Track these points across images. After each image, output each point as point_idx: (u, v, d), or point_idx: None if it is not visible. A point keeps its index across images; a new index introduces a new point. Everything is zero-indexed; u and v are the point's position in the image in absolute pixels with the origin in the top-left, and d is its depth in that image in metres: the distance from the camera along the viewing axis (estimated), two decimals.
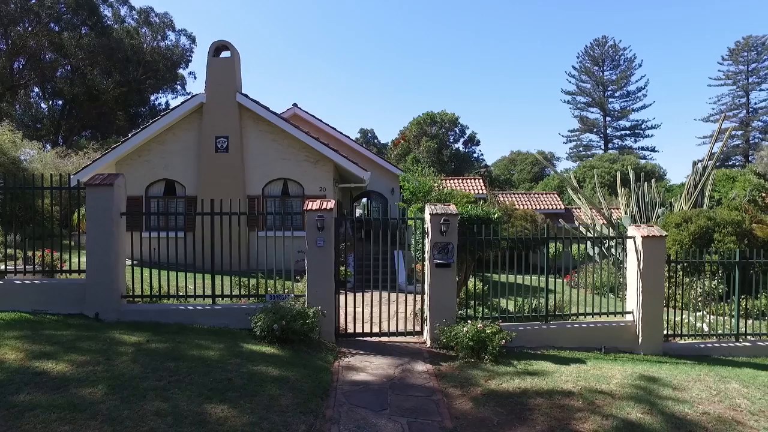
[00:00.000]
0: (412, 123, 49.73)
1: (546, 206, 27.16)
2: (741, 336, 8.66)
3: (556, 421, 5.10)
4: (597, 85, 64.49)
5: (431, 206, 7.86)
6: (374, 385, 6.00)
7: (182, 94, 42.80)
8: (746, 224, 13.75)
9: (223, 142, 14.93)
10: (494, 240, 8.19)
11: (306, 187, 15.25)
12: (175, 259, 8.13)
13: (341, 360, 6.92)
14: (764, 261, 9.12)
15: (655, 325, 8.13)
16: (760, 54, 59.47)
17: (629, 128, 63.64)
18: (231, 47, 15.00)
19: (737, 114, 60.56)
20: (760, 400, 5.92)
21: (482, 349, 6.87)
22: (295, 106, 21.37)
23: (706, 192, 17.52)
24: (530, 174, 53.55)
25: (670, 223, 14.35)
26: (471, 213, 8.47)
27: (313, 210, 7.58)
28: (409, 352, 7.40)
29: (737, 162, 56.10)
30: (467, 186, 26.09)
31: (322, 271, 7.62)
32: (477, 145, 52.91)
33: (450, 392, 5.81)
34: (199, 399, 4.84)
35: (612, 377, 6.38)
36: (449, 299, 7.68)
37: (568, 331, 8.12)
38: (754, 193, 23.82)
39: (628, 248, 8.46)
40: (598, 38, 64.56)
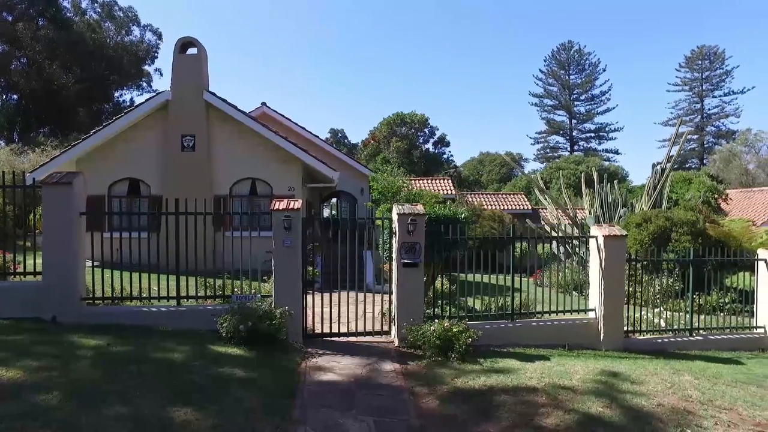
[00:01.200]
0: (383, 123, 49.89)
1: (514, 206, 27.65)
2: (694, 331, 9.02)
3: (521, 416, 5.20)
4: (563, 88, 66.11)
5: (398, 206, 7.90)
6: (342, 385, 5.99)
7: (148, 91, 41.80)
8: (700, 224, 14.33)
9: (190, 141, 14.62)
10: (461, 240, 8.28)
11: (274, 187, 15.09)
12: (139, 260, 7.92)
13: (309, 360, 6.88)
14: (716, 259, 9.53)
15: (616, 321, 8.39)
16: (712, 63, 62.35)
17: (594, 131, 65.53)
18: (198, 44, 14.71)
19: (693, 119, 63.17)
20: (709, 390, 6.20)
21: (449, 347, 6.95)
22: (264, 105, 21.13)
23: (664, 193, 18.18)
24: (499, 175, 54.39)
25: (631, 223, 14.83)
26: (438, 213, 8.55)
27: (280, 210, 7.51)
28: (377, 351, 7.41)
29: (693, 165, 58.44)
30: (436, 186, 26.31)
31: (290, 272, 7.57)
32: (446, 146, 53.53)
33: (417, 391, 5.86)
34: (162, 403, 4.74)
35: (575, 373, 6.55)
36: (416, 299, 7.74)
37: (533, 329, 8.29)
38: (708, 194, 24.88)
39: (591, 248, 8.70)
40: (564, 43, 66.35)
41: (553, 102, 66.72)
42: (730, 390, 6.27)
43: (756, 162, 46.85)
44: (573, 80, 66.01)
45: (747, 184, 40.38)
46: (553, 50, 67.30)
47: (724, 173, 43.56)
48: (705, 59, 62.97)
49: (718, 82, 62.52)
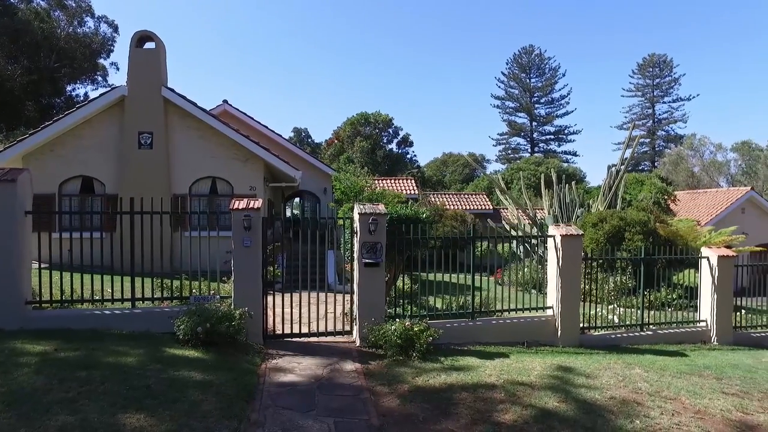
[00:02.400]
0: (347, 123, 49.76)
1: (476, 206, 28.06)
2: (645, 326, 9.39)
3: (479, 413, 5.28)
4: (524, 91, 67.61)
5: (360, 206, 7.90)
6: (302, 386, 5.94)
7: (103, 85, 40.17)
8: (651, 224, 14.94)
9: (147, 138, 14.18)
10: (423, 239, 8.35)
11: (235, 186, 14.83)
12: (91, 261, 7.61)
13: (269, 362, 6.78)
14: (665, 258, 9.95)
15: (573, 318, 8.63)
16: (662, 70, 65.46)
17: (554, 133, 67.32)
18: (156, 38, 14.28)
19: (645, 123, 65.93)
20: (657, 382, 6.48)
21: (410, 346, 6.99)
22: (226, 103, 20.73)
23: (619, 194, 18.89)
24: (461, 175, 55.10)
25: (588, 222, 15.32)
26: (400, 213, 8.59)
27: (240, 209, 7.38)
28: (338, 351, 7.38)
29: (645, 167, 60.91)
30: (400, 186, 26.43)
31: (249, 272, 7.44)
32: (410, 146, 53.83)
33: (378, 390, 5.86)
34: (112, 409, 4.56)
35: (532, 369, 6.70)
36: (378, 298, 7.75)
37: (493, 326, 8.43)
38: (658, 195, 25.96)
39: (549, 247, 8.92)
40: (526, 47, 67.87)
41: (515, 104, 68.19)
42: (675, 381, 6.56)
43: (701, 165, 49.28)
44: (534, 83, 67.63)
45: (693, 186, 42.37)
46: (514, 54, 68.93)
47: (673, 175, 45.58)
48: (655, 67, 65.91)
49: (668, 89, 65.62)
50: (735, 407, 5.81)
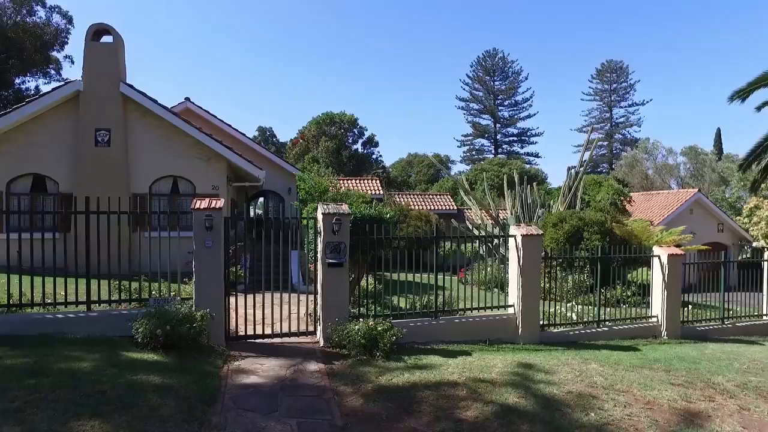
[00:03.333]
0: (312, 123, 49.41)
1: (440, 207, 28.38)
2: (601, 322, 9.73)
3: (442, 411, 5.36)
4: (488, 93, 68.80)
5: (323, 206, 7.89)
6: (265, 388, 5.88)
7: (57, 79, 38.34)
8: (608, 224, 15.49)
9: (105, 135, 13.70)
10: (387, 239, 8.40)
11: (197, 186, 14.51)
12: (45, 263, 7.30)
13: (231, 364, 6.68)
14: (620, 256, 10.34)
15: (533, 316, 8.86)
16: (619, 76, 67.96)
17: (517, 135, 68.82)
18: (113, 32, 13.80)
19: (604, 127, 68.25)
20: (611, 376, 6.74)
21: (374, 346, 7.02)
22: (188, 101, 20.25)
23: (578, 195, 19.49)
24: (426, 176, 55.56)
25: (548, 223, 15.74)
26: (364, 213, 8.61)
27: (202, 209, 7.25)
28: (302, 352, 7.35)
29: (603, 169, 62.97)
30: (365, 186, 26.45)
31: (211, 273, 7.32)
32: (376, 146, 53.89)
33: (341, 390, 5.87)
34: (63, 417, 4.39)
35: (494, 367, 6.85)
36: (342, 298, 7.75)
37: (456, 325, 8.56)
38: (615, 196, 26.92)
39: (510, 246, 9.12)
40: (490, 50, 69.09)
41: (479, 106, 69.30)
42: (628, 374, 6.84)
43: (654, 168, 51.43)
44: (497, 86, 68.91)
45: (647, 188, 44.12)
46: (479, 56, 69.96)
47: (628, 177, 47.33)
48: (613, 73, 68.34)
49: (624, 94, 68.22)
50: (680, 397, 6.12)
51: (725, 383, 6.79)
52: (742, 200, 34.79)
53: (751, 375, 7.26)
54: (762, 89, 10.42)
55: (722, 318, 10.93)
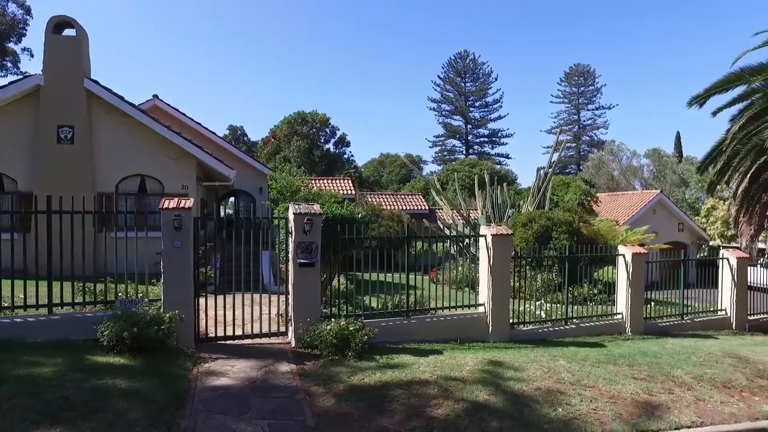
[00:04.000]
0: (283, 122, 48.95)
1: (412, 207, 28.52)
2: (569, 320, 9.96)
3: (414, 409, 5.41)
4: (459, 94, 69.52)
5: (295, 206, 7.84)
6: (235, 389, 5.82)
7: (15, 72, 36.92)
8: (576, 224, 15.86)
9: (68, 132, 13.28)
10: (358, 239, 8.41)
11: (166, 185, 14.22)
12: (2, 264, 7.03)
13: (201, 366, 6.58)
14: (587, 255, 10.62)
15: (503, 315, 9.00)
16: (586, 80, 69.74)
17: (487, 136, 69.74)
18: (76, 25, 13.37)
19: (572, 129, 69.88)
20: (578, 371, 6.92)
21: (346, 346, 7.02)
22: (156, 98, 19.80)
23: (547, 195, 19.88)
24: (398, 176, 55.73)
25: (518, 222, 16.01)
26: (336, 213, 8.59)
27: (170, 209, 7.11)
28: (274, 353, 7.29)
29: (572, 170, 64.40)
30: (337, 186, 26.36)
31: (180, 274, 7.18)
32: (348, 146, 53.78)
33: (313, 391, 5.86)
34: (22, 425, 4.24)
35: (465, 365, 6.94)
36: (313, 298, 7.73)
37: (427, 324, 8.63)
38: (583, 197, 27.59)
39: (481, 246, 9.25)
40: (461, 52, 69.80)
41: (450, 107, 69.93)
42: (594, 370, 7.04)
43: (619, 169, 52.96)
44: (468, 88, 69.68)
45: (613, 189, 45.37)
46: (450, 58, 70.64)
47: (595, 178, 48.54)
48: (580, 76, 70.06)
49: (591, 97, 70.02)
50: (642, 390, 6.35)
51: (683, 376, 7.07)
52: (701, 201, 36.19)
53: (706, 367, 7.58)
54: (718, 95, 10.83)
55: (682, 314, 11.34)
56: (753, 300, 12.32)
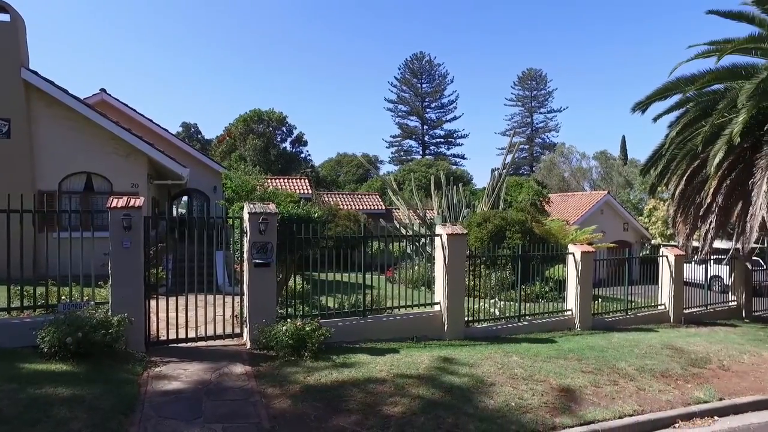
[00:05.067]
0: (239, 120, 47.98)
1: (369, 206, 28.58)
2: (522, 317, 10.25)
3: (370, 408, 5.44)
4: (416, 96, 70.20)
5: (249, 205, 7.73)
6: (188, 393, 5.67)
7: None
8: (528, 223, 16.34)
9: (3, 126, 12.51)
10: (315, 239, 8.36)
11: (114, 183, 13.65)
12: None
13: (151, 370, 6.37)
14: (539, 254, 10.97)
15: (458, 313, 9.16)
16: (538, 84, 71.98)
17: (443, 137, 70.75)
18: (11, 9, 12.54)
19: (525, 131, 71.89)
20: (530, 367, 7.16)
21: (302, 346, 6.98)
22: (103, 92, 18.94)
23: (501, 196, 20.36)
24: (356, 176, 55.69)
25: (473, 222, 16.34)
26: (292, 212, 8.52)
27: (119, 207, 6.85)
28: (228, 355, 7.15)
29: (525, 171, 66.27)
30: (293, 186, 26.09)
31: (130, 275, 6.93)
32: (304, 145, 53.28)
33: (269, 392, 5.79)
34: None
35: (420, 363, 7.03)
36: (269, 299, 7.63)
37: (384, 323, 8.68)
38: (535, 197, 28.44)
39: (436, 245, 9.38)
40: (417, 53, 70.51)
41: (407, 108, 70.54)
42: (545, 365, 7.29)
43: (570, 171, 54.93)
44: (425, 89, 70.46)
45: (564, 189, 47.01)
46: (406, 59, 71.19)
47: (547, 179, 50.16)
48: (533, 80, 72.22)
49: (543, 101, 72.28)
50: (590, 383, 6.64)
51: (627, 368, 7.44)
52: (644, 202, 38.01)
53: (647, 359, 8.01)
54: (658, 102, 11.42)
55: (626, 309, 11.89)
56: (688, 295, 13.08)
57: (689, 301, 13.09)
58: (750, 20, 10.49)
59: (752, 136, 9.94)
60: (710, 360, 8.31)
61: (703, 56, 10.36)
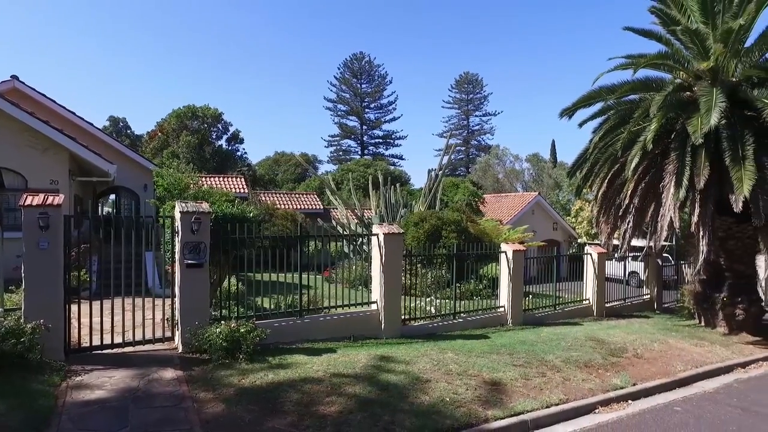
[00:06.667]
0: (172, 115, 45.97)
1: (307, 206, 28.28)
2: (457, 314, 10.54)
3: (307, 408, 5.41)
4: (355, 96, 70.25)
5: (181, 204, 7.46)
6: (113, 402, 5.38)
7: None
8: (464, 223, 16.82)
9: None
10: (250, 239, 8.19)
11: (30, 179, 12.69)
12: None
13: (71, 379, 5.98)
14: (474, 253, 11.32)
15: (395, 311, 9.28)
16: (474, 87, 74.23)
17: (382, 137, 71.23)
18: None
19: (461, 133, 73.82)
20: (465, 363, 7.38)
21: (237, 348, 6.82)
22: (15, 79, 17.50)
23: (438, 196, 20.81)
24: (294, 175, 54.93)
25: (410, 222, 16.60)
26: (226, 211, 8.30)
27: (34, 206, 6.38)
28: (159, 360, 6.86)
29: (461, 172, 67.99)
30: (229, 184, 25.35)
31: (47, 278, 6.47)
32: (241, 143, 51.94)
33: (201, 397, 5.61)
34: None
35: (357, 362, 7.07)
36: (202, 301, 7.39)
37: (321, 323, 8.65)
38: (470, 198, 29.32)
39: (374, 244, 9.46)
40: (357, 53, 70.56)
41: (346, 108, 70.44)
42: (479, 360, 7.55)
43: (503, 172, 57.04)
44: (364, 89, 70.64)
45: (498, 190, 48.75)
46: (346, 59, 71.07)
47: (482, 180, 51.79)
48: (469, 84, 74.36)
49: (479, 104, 74.50)
50: (520, 376, 6.95)
51: (554, 360, 7.86)
52: (571, 203, 40.13)
53: (572, 351, 8.50)
54: (583, 109, 12.17)
55: (555, 305, 12.53)
56: (609, 289, 13.99)
57: (610, 295, 13.99)
58: (658, 39, 11.43)
59: (662, 143, 10.79)
60: (627, 349, 8.93)
61: (621, 68, 11.13)
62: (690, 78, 10.95)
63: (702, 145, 9.43)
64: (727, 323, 11.25)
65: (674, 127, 10.78)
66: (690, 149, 9.86)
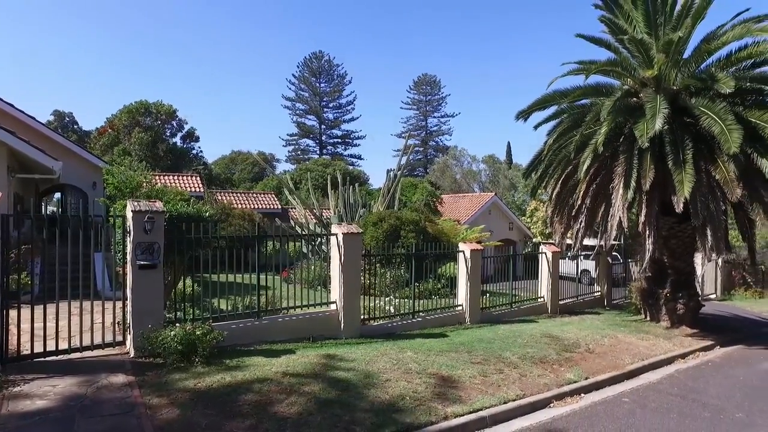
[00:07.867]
0: (123, 111, 44.12)
1: (264, 206, 27.82)
2: (416, 314, 10.63)
3: (265, 410, 5.32)
4: (314, 95, 69.74)
5: (134, 203, 7.18)
6: (56, 413, 5.10)
7: None
8: (422, 223, 16.99)
9: None
10: (206, 239, 7.98)
11: None
12: None
13: (8, 390, 5.62)
14: (432, 253, 11.45)
15: (354, 311, 9.27)
16: (433, 89, 75.21)
17: (341, 137, 71.04)
18: None
19: (420, 134, 74.60)
20: (424, 361, 7.45)
21: (192, 351, 6.63)
22: None
23: (396, 196, 20.93)
24: (251, 174, 53.92)
25: (369, 222, 16.62)
26: (181, 211, 8.06)
27: None
28: (109, 365, 6.57)
29: (420, 173, 68.69)
30: (184, 183, 24.62)
31: None
32: (196, 141, 50.38)
33: (154, 403, 5.41)
34: None
35: (317, 362, 7.02)
36: (155, 303, 7.14)
37: (280, 324, 8.53)
38: (429, 198, 29.65)
39: (332, 244, 9.40)
40: (316, 52, 70.10)
41: (305, 107, 69.84)
42: (438, 358, 7.64)
43: (461, 173, 58.03)
44: (323, 88, 70.24)
45: (456, 190, 49.53)
46: (305, 57, 70.48)
47: (440, 181, 52.51)
48: (427, 85, 75.24)
49: (437, 106, 75.51)
50: (479, 373, 7.08)
51: (511, 357, 8.05)
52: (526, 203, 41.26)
53: (528, 347, 8.73)
54: (538, 112, 12.53)
55: (511, 303, 12.84)
56: (563, 287, 14.47)
57: (564, 293, 14.47)
58: (608, 47, 11.93)
59: (612, 146, 11.26)
60: (579, 345, 9.26)
61: (574, 73, 11.53)
62: (636, 85, 11.46)
63: (648, 149, 9.90)
64: (669, 317, 11.85)
65: (623, 131, 11.25)
66: (637, 152, 10.33)
